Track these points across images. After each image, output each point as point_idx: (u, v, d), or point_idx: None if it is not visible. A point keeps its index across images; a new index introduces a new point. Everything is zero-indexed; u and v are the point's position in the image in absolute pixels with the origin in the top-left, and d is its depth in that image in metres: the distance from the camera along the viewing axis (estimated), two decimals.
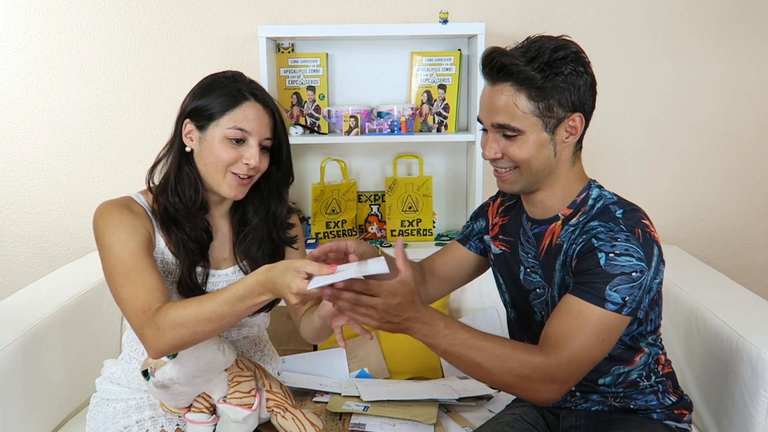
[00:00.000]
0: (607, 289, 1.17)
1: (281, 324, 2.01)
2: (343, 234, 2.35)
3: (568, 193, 1.30)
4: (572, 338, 1.17)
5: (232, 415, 1.29)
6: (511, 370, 1.16)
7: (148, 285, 1.22)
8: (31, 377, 1.59)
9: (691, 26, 2.34)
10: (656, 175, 2.44)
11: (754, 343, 1.45)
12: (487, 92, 1.26)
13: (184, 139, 1.33)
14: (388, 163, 2.39)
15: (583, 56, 1.24)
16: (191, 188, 1.33)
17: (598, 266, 1.19)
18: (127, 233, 1.27)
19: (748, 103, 2.39)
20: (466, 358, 1.16)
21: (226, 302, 1.14)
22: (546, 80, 1.19)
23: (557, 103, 1.21)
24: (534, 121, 1.22)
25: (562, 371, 1.17)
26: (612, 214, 1.25)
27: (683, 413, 1.39)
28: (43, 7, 2.27)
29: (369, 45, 2.31)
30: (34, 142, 2.36)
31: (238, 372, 1.33)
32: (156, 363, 1.23)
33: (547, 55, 1.19)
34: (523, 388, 1.18)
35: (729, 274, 2.33)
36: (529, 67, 1.19)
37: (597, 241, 1.21)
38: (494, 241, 1.46)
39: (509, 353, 1.16)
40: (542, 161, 1.25)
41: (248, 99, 1.31)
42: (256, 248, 1.41)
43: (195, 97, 1.33)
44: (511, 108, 1.21)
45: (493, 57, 1.22)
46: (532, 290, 1.37)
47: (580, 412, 1.40)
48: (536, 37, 1.25)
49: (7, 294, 2.23)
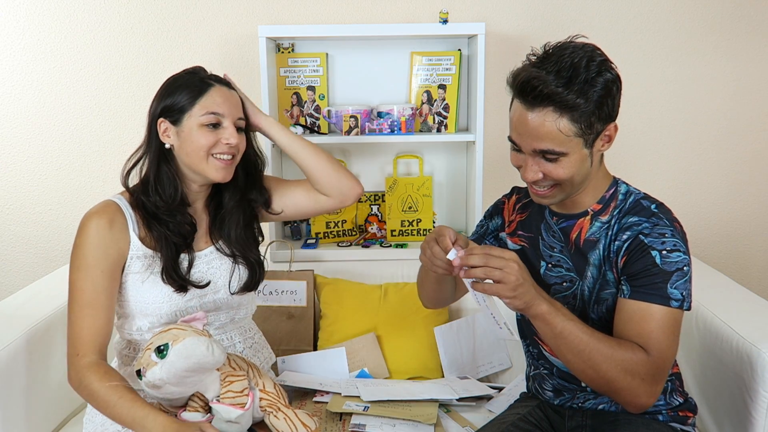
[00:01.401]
0: (668, 287, 1.21)
1: (281, 324, 2.01)
2: (343, 234, 2.35)
3: (597, 191, 1.32)
4: (653, 340, 1.20)
5: (225, 414, 1.29)
6: (618, 363, 1.18)
7: (96, 327, 1.33)
8: (30, 377, 1.59)
9: (692, 26, 2.34)
10: (656, 175, 2.44)
11: (754, 343, 1.45)
12: (525, 117, 1.21)
13: (162, 137, 1.41)
14: (388, 163, 2.39)
15: (608, 60, 1.21)
16: (171, 186, 1.41)
17: (655, 265, 1.22)
18: (96, 259, 1.34)
19: (749, 104, 2.39)
20: (578, 344, 1.18)
21: (134, 421, 1.24)
22: (587, 102, 1.18)
23: (597, 119, 1.20)
24: (576, 141, 1.21)
25: (657, 371, 1.20)
26: (648, 209, 1.28)
27: (688, 415, 1.39)
28: (43, 7, 2.27)
29: (369, 45, 2.31)
30: (34, 142, 2.36)
31: (230, 371, 1.34)
32: (147, 363, 1.24)
33: (583, 74, 1.17)
34: (625, 386, 1.19)
35: (729, 274, 2.33)
36: (569, 90, 1.16)
37: (645, 237, 1.24)
38: (512, 238, 1.47)
39: (616, 347, 1.19)
40: (582, 174, 1.26)
41: (212, 85, 1.41)
42: (233, 228, 1.50)
43: (162, 97, 1.41)
44: (554, 134, 1.19)
45: (532, 85, 1.17)
46: (552, 285, 1.38)
47: (587, 412, 1.40)
48: (560, 45, 1.21)
49: (7, 294, 2.23)
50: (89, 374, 1.29)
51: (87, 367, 1.30)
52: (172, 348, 1.22)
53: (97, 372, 1.29)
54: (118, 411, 1.25)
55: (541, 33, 2.31)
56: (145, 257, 1.40)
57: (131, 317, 1.43)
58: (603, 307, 1.32)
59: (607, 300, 1.31)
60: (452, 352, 1.98)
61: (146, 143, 1.44)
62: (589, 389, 1.38)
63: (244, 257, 1.51)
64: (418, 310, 2.01)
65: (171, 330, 1.27)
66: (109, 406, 1.26)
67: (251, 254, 1.52)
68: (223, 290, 1.49)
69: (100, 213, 1.37)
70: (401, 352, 1.97)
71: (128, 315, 1.44)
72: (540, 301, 1.19)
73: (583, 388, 1.40)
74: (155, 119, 1.41)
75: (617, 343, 1.21)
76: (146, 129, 1.44)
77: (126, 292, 1.42)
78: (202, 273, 1.47)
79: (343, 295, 2.04)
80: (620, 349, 1.19)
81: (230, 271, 1.50)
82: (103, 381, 1.27)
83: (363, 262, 2.20)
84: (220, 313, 1.51)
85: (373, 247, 2.29)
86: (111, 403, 1.26)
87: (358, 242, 2.33)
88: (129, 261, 1.39)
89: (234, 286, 1.50)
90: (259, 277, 1.54)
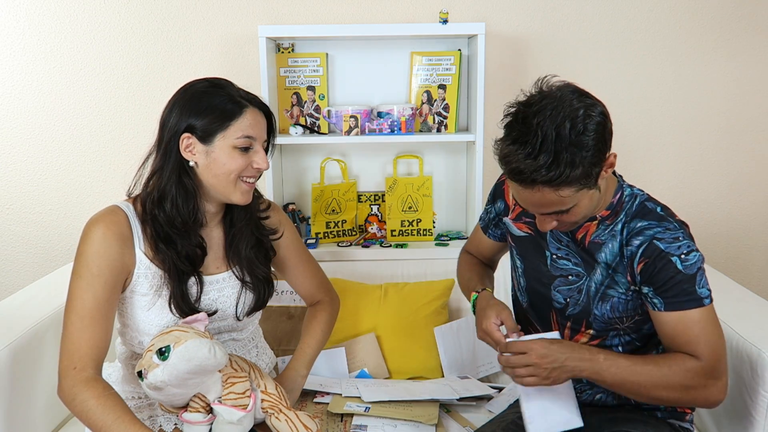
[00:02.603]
0: (697, 288, 1.24)
1: (281, 324, 2.01)
2: (343, 234, 2.35)
3: (604, 199, 1.31)
4: (702, 344, 1.24)
5: (227, 416, 1.29)
6: (676, 386, 1.24)
7: (95, 340, 1.26)
8: (31, 377, 1.59)
9: (691, 26, 2.34)
10: (656, 175, 2.44)
11: (754, 343, 1.46)
12: (524, 193, 1.19)
13: (184, 153, 1.31)
14: (388, 163, 2.39)
15: (587, 104, 1.16)
16: (191, 201, 1.33)
17: (678, 272, 1.23)
18: (100, 269, 1.28)
19: (749, 104, 2.39)
20: (632, 386, 1.25)
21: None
22: (581, 167, 1.14)
23: (595, 166, 1.17)
24: (582, 192, 1.19)
25: (716, 368, 1.25)
26: (654, 212, 1.29)
27: (686, 412, 1.41)
28: (43, 7, 2.27)
29: (369, 45, 2.31)
30: (34, 142, 2.36)
31: (232, 373, 1.33)
32: (148, 365, 1.23)
33: (567, 139, 1.12)
34: (693, 397, 1.26)
35: (729, 274, 2.33)
36: (559, 167, 1.12)
37: (660, 243, 1.24)
38: (516, 223, 1.47)
39: (667, 372, 1.24)
40: (592, 207, 1.26)
41: (247, 106, 1.33)
42: (243, 247, 1.43)
43: (189, 113, 1.30)
44: (558, 200, 1.18)
45: (523, 175, 1.15)
46: (558, 276, 1.38)
47: (586, 409, 1.40)
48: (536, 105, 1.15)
49: (7, 294, 2.23)
50: (86, 390, 1.22)
51: (84, 382, 1.23)
52: (174, 350, 1.22)
53: (95, 388, 1.23)
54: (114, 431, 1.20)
55: (541, 33, 2.31)
56: (154, 277, 1.33)
57: (133, 331, 1.38)
58: (608, 305, 1.33)
59: (612, 298, 1.32)
60: (452, 352, 1.98)
61: (163, 155, 1.32)
62: (585, 380, 1.40)
63: (252, 275, 1.45)
64: (418, 310, 2.01)
65: (173, 332, 1.26)
66: (105, 425, 1.19)
67: (260, 271, 1.46)
68: (231, 318, 1.44)
69: (107, 222, 1.30)
70: (401, 352, 1.97)
71: (130, 328, 1.39)
72: (579, 367, 1.24)
73: (580, 379, 1.40)
74: (177, 134, 1.30)
75: (667, 364, 1.25)
76: (161, 139, 1.33)
77: (131, 309, 1.36)
78: (212, 300, 1.41)
79: (343, 295, 2.04)
80: (673, 371, 1.24)
81: (238, 296, 1.44)
82: (100, 399, 1.21)
83: (363, 262, 2.20)
84: (222, 335, 1.47)
85: (373, 247, 2.29)
86: (107, 423, 1.19)
87: (358, 242, 2.33)
88: (135, 279, 1.33)
89: (241, 310, 1.44)
90: (268, 295, 1.48)
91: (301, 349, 1.59)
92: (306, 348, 1.59)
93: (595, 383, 1.30)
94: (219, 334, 1.46)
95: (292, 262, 1.60)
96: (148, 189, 1.34)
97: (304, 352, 1.58)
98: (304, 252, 1.63)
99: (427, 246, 2.28)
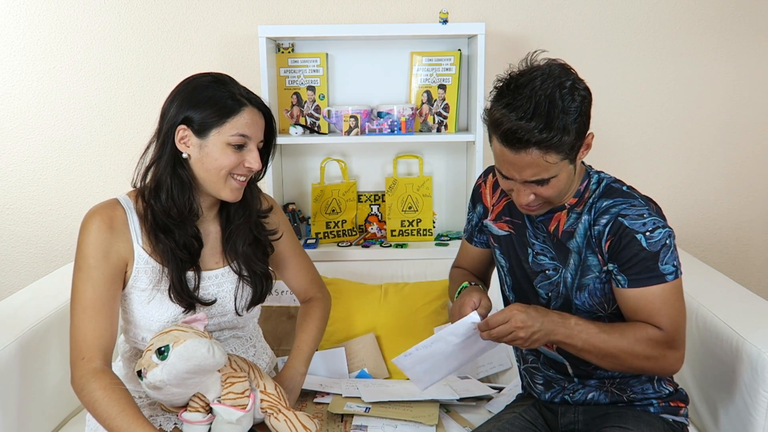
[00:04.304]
0: (659, 265, 1.27)
1: (281, 324, 2.01)
2: (343, 234, 2.35)
3: (573, 187, 1.35)
4: (663, 316, 1.28)
5: (226, 416, 1.29)
6: (639, 355, 1.28)
7: (99, 330, 1.29)
8: (31, 377, 1.59)
9: (691, 26, 2.34)
10: (656, 175, 2.44)
11: (754, 343, 1.46)
12: (512, 157, 1.23)
13: (178, 145, 1.33)
14: (388, 163, 2.39)
15: (574, 77, 1.23)
16: (187, 192, 1.34)
17: (642, 249, 1.27)
18: (97, 260, 1.30)
19: (748, 104, 2.39)
20: (600, 351, 1.28)
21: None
22: (569, 134, 1.19)
23: (577, 139, 1.23)
24: (563, 163, 1.24)
25: (675, 338, 1.29)
26: (619, 190, 1.34)
27: (680, 406, 1.42)
28: (43, 7, 2.27)
29: (369, 45, 2.31)
30: (34, 142, 2.36)
31: (231, 373, 1.33)
32: (148, 364, 1.24)
33: (559, 104, 1.18)
34: (652, 366, 1.30)
35: (729, 274, 2.33)
36: (551, 131, 1.18)
37: (625, 219, 1.28)
38: (497, 223, 1.49)
39: (632, 340, 1.28)
40: (569, 185, 1.31)
41: (246, 105, 1.34)
42: (241, 244, 1.44)
43: (187, 105, 1.32)
44: (543, 166, 1.22)
45: (517, 136, 1.19)
46: (540, 272, 1.41)
47: (578, 408, 1.43)
48: (528, 74, 1.21)
49: (7, 294, 2.23)
50: (93, 381, 1.25)
51: (92, 372, 1.26)
52: (173, 350, 1.22)
53: (101, 380, 1.25)
54: (117, 424, 1.21)
55: (541, 33, 2.31)
56: (153, 272, 1.34)
57: (135, 327, 1.39)
58: (585, 293, 1.36)
59: (588, 285, 1.35)
60: None
61: (161, 146, 1.34)
62: (576, 380, 1.44)
63: (249, 271, 1.45)
64: (418, 310, 2.01)
65: (172, 331, 1.27)
66: (110, 417, 1.22)
67: (258, 267, 1.46)
68: (231, 313, 1.45)
69: (102, 213, 1.32)
70: (401, 352, 1.96)
71: (132, 324, 1.40)
72: (555, 331, 1.27)
73: (571, 378, 1.44)
74: (175, 125, 1.32)
75: (632, 332, 1.28)
76: (160, 130, 1.35)
77: (131, 306, 1.37)
78: (211, 296, 1.42)
79: (343, 295, 2.04)
80: (636, 338, 1.27)
81: (236, 290, 1.45)
82: (106, 390, 1.24)
83: (363, 262, 2.20)
84: (224, 332, 1.48)
85: (373, 247, 2.29)
86: (111, 415, 1.22)
87: (358, 242, 2.33)
88: (135, 274, 1.34)
89: (240, 304, 1.45)
90: (266, 289, 1.49)
91: (298, 347, 1.58)
92: (303, 345, 1.58)
93: (566, 349, 1.32)
94: (221, 331, 1.47)
95: (287, 257, 1.61)
96: (147, 179, 1.37)
97: (301, 350, 1.58)
98: (298, 248, 1.65)
99: (427, 246, 2.29)
